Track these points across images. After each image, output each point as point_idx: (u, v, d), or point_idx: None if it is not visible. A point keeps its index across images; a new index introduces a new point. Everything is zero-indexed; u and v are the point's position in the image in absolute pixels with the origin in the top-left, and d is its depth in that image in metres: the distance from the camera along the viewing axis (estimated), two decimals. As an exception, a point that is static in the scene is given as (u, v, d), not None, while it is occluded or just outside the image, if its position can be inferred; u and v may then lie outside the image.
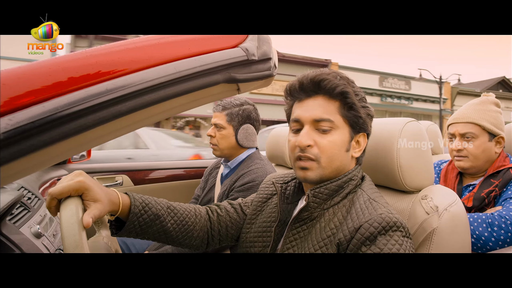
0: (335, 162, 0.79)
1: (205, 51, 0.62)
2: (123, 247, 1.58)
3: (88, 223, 0.62)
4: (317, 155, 0.78)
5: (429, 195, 0.85)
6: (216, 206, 0.98)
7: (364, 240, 0.68)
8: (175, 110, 0.66)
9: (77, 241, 0.58)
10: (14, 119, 0.45)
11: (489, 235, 1.05)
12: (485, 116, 1.27)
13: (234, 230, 0.96)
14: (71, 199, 0.64)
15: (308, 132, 0.78)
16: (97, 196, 0.67)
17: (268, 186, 0.99)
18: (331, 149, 0.78)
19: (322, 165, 0.78)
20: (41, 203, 1.27)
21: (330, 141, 0.78)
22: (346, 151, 0.80)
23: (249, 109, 1.59)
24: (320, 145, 0.78)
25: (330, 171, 0.79)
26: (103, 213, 0.69)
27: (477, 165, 1.28)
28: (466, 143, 1.28)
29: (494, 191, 1.19)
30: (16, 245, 0.88)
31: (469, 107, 1.32)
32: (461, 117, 1.31)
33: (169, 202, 0.87)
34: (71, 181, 0.66)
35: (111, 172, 2.11)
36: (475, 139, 1.26)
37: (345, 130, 0.79)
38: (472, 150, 1.27)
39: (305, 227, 0.79)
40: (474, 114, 1.28)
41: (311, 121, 0.78)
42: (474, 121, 1.27)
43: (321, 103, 0.78)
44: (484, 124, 1.25)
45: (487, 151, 1.26)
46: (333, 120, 0.78)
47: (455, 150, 1.31)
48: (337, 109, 0.78)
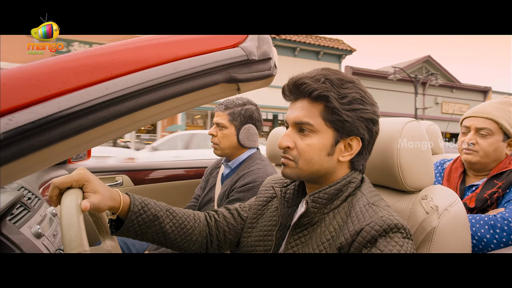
0: (314, 166, 0.78)
1: (205, 51, 0.62)
2: (123, 248, 1.58)
3: (86, 207, 0.66)
4: (295, 157, 0.79)
5: (429, 195, 0.85)
6: (214, 211, 0.99)
7: (366, 243, 0.67)
8: (175, 110, 0.66)
9: (74, 223, 0.61)
10: (14, 119, 0.45)
11: (491, 237, 1.05)
12: (505, 115, 1.26)
13: (232, 235, 0.95)
14: (72, 189, 0.69)
15: (289, 133, 0.80)
16: (96, 188, 0.71)
17: (267, 189, 0.99)
18: (308, 152, 0.78)
19: (299, 166, 0.79)
20: (41, 203, 1.27)
21: (308, 144, 0.77)
22: (327, 155, 0.78)
23: (252, 109, 1.58)
24: (298, 147, 0.78)
25: (309, 173, 0.79)
26: (102, 204, 0.71)
27: (484, 162, 1.27)
28: (480, 139, 1.27)
29: (497, 193, 1.18)
30: (16, 245, 0.88)
31: (490, 103, 1.31)
32: (481, 112, 1.29)
33: (168, 205, 0.88)
34: (73, 173, 0.70)
35: (111, 172, 2.11)
36: (490, 136, 1.26)
37: (328, 134, 0.77)
38: (485, 146, 1.26)
39: (306, 232, 0.79)
40: (494, 111, 1.27)
41: (293, 123, 0.80)
42: (494, 117, 1.26)
43: (304, 106, 0.78)
44: (502, 123, 1.25)
45: (498, 150, 1.26)
46: (313, 124, 0.77)
47: (468, 142, 1.29)
48: (319, 112, 0.77)
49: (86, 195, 0.69)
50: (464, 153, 1.31)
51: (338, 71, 0.81)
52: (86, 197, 0.69)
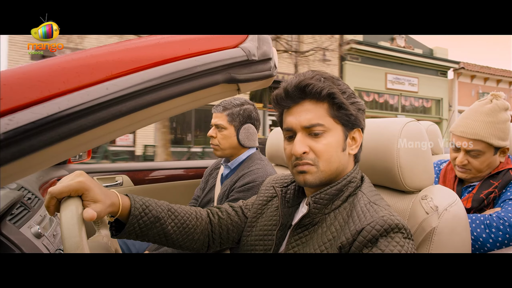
0: (334, 164, 0.78)
1: (205, 51, 0.62)
2: (123, 247, 1.58)
3: (92, 216, 0.62)
4: (314, 160, 0.77)
5: (429, 195, 0.85)
6: (217, 208, 0.98)
7: (366, 242, 0.67)
8: (175, 110, 0.66)
9: (77, 243, 0.58)
10: (14, 119, 0.45)
11: (487, 236, 1.05)
12: (494, 131, 1.19)
13: (235, 233, 0.95)
14: (71, 199, 0.64)
15: (301, 139, 0.77)
16: (97, 197, 0.67)
17: (268, 189, 0.99)
18: (327, 151, 0.77)
19: (321, 169, 0.77)
20: (41, 203, 1.27)
21: (325, 144, 0.77)
22: (342, 150, 0.79)
23: (250, 109, 1.59)
24: (315, 149, 0.77)
25: (330, 174, 0.79)
26: (103, 213, 0.68)
27: (479, 176, 1.26)
28: (471, 158, 1.23)
29: (494, 193, 1.18)
30: (16, 245, 0.89)
31: (477, 117, 1.22)
32: (469, 132, 1.21)
33: (169, 204, 0.86)
34: (71, 181, 0.66)
35: (111, 172, 2.11)
36: (481, 155, 1.21)
37: (338, 130, 0.79)
38: (477, 165, 1.23)
39: (307, 232, 0.79)
40: (483, 130, 1.20)
41: (302, 128, 0.78)
42: (482, 138, 1.19)
43: (309, 108, 0.77)
44: (492, 142, 1.19)
45: (491, 164, 1.24)
46: (324, 123, 0.77)
47: (459, 165, 1.26)
48: (326, 111, 0.77)
49: (85, 204, 0.65)
50: (458, 171, 1.29)
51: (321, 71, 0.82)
52: (86, 207, 0.65)
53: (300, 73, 0.81)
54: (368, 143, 0.93)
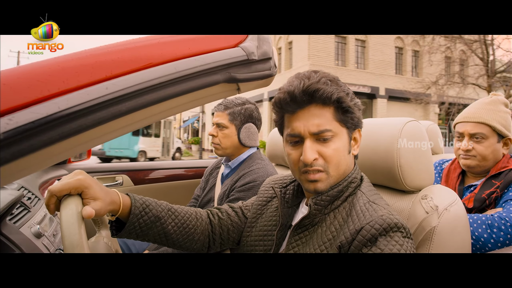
0: (342, 167, 0.79)
1: (205, 50, 0.62)
2: (123, 247, 1.58)
3: (91, 214, 0.62)
4: (324, 166, 0.76)
5: (429, 195, 0.85)
6: (217, 209, 0.98)
7: (366, 241, 0.67)
8: (175, 110, 0.66)
9: (77, 241, 0.58)
10: (14, 119, 0.45)
11: (489, 237, 1.05)
12: (496, 116, 1.25)
13: (235, 234, 0.95)
14: (71, 197, 0.64)
15: (311, 146, 0.75)
16: (97, 194, 0.67)
17: (267, 189, 0.99)
18: (336, 156, 0.77)
19: (331, 174, 0.77)
20: (41, 203, 1.27)
21: (334, 149, 0.76)
22: (348, 153, 0.80)
23: (251, 108, 1.59)
24: (325, 155, 0.76)
25: (338, 177, 0.79)
26: (103, 210, 0.68)
27: (483, 165, 1.27)
28: (475, 144, 1.26)
29: (495, 193, 1.18)
30: (16, 245, 0.89)
31: (479, 106, 1.30)
32: (472, 117, 1.28)
33: (169, 204, 0.86)
34: (70, 179, 0.66)
35: (111, 172, 2.12)
36: (485, 140, 1.25)
37: (344, 133, 0.79)
38: (481, 150, 1.25)
39: (307, 232, 0.79)
40: (485, 114, 1.26)
41: (311, 134, 0.76)
42: (486, 121, 1.25)
43: (315, 113, 0.75)
44: (495, 125, 1.24)
45: (495, 152, 1.26)
46: (331, 128, 0.76)
47: (463, 150, 1.29)
48: (332, 115, 0.76)
49: (85, 202, 0.65)
50: (462, 158, 1.31)
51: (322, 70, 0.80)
52: (86, 205, 0.65)
53: (300, 74, 0.78)
54: (368, 143, 0.93)
